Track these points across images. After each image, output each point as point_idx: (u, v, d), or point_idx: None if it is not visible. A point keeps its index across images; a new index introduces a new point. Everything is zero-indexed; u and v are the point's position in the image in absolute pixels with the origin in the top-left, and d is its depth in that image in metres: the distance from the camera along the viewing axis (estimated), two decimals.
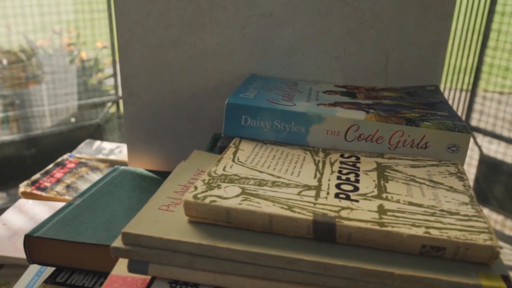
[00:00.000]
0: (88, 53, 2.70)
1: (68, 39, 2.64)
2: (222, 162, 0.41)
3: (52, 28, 2.51)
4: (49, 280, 0.47)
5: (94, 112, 2.66)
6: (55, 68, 2.50)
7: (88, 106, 2.58)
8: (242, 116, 0.46)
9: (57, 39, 2.64)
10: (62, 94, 2.54)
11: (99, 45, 2.75)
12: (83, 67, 2.63)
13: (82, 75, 2.63)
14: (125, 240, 0.33)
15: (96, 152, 1.16)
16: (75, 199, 0.55)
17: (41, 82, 2.59)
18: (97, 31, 2.54)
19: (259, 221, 0.33)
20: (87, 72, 2.66)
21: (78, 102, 2.54)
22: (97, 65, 2.85)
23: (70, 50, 2.72)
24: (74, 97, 2.54)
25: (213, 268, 0.32)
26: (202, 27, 0.58)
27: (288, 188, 0.36)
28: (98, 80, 2.81)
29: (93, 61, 2.78)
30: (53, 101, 2.49)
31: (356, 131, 0.45)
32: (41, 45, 2.59)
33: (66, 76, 2.56)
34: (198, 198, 0.34)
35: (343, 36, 0.56)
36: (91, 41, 2.58)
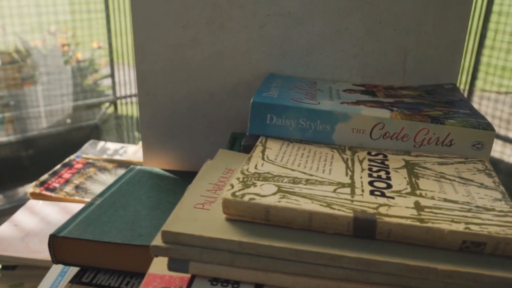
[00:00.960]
0: (84, 54, 2.69)
1: (63, 39, 2.63)
2: (253, 160, 0.41)
3: (46, 28, 2.49)
4: (75, 280, 0.47)
5: (91, 113, 2.65)
6: (50, 69, 2.48)
7: (84, 107, 2.57)
8: (268, 114, 0.46)
9: (51, 40, 2.63)
10: (58, 95, 2.52)
11: (95, 46, 2.74)
12: (78, 68, 2.62)
13: (77, 76, 2.61)
14: (165, 239, 0.33)
15: (100, 152, 1.16)
16: (95, 199, 0.55)
17: (36, 83, 2.58)
18: (93, 32, 2.53)
19: (299, 219, 0.33)
20: (82, 72, 2.64)
21: (75, 103, 2.53)
22: (92, 65, 2.83)
23: (65, 50, 2.70)
24: (70, 98, 2.53)
25: (254, 266, 0.32)
26: (220, 26, 0.58)
27: (322, 186, 0.37)
28: (94, 81, 2.79)
29: (88, 62, 2.76)
30: (49, 102, 2.47)
31: (382, 129, 0.45)
32: (35, 45, 2.57)
33: (61, 76, 2.54)
34: (236, 196, 0.34)
35: (361, 35, 0.56)
36: (87, 42, 2.57)
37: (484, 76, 2.12)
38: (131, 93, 2.61)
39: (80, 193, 0.85)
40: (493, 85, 2.11)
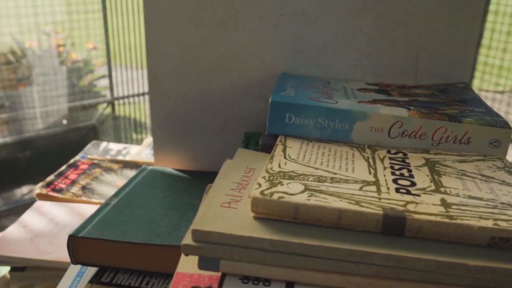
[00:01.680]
0: (79, 54, 2.68)
1: (58, 40, 2.62)
2: (275, 159, 0.41)
3: (41, 29, 2.48)
4: (94, 280, 0.47)
5: (87, 113, 2.64)
6: (45, 70, 2.47)
7: (81, 108, 2.56)
8: (286, 114, 0.47)
9: (46, 40, 2.61)
10: (54, 96, 2.51)
11: (90, 46, 2.73)
12: (73, 69, 2.61)
13: (73, 77, 2.60)
14: (195, 237, 0.33)
15: (103, 153, 1.15)
16: (111, 200, 0.55)
17: (31, 84, 2.57)
18: (90, 32, 2.52)
19: (328, 217, 0.33)
20: (77, 73, 2.63)
21: (73, 103, 2.52)
22: (87, 66, 2.82)
23: (60, 51, 2.69)
24: (65, 98, 2.52)
25: (285, 264, 0.32)
26: (234, 26, 0.58)
27: (348, 184, 0.37)
28: (89, 82, 2.79)
29: (83, 62, 2.75)
30: (44, 103, 2.46)
31: (400, 128, 0.46)
32: (29, 46, 2.56)
33: (56, 77, 2.53)
34: (265, 194, 0.34)
35: (374, 35, 0.57)
36: (84, 42, 2.56)
37: (481, 75, 2.14)
38: (129, 93, 2.61)
39: (87, 194, 0.85)
40: (490, 84, 2.12)
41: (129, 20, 2.47)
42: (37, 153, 2.46)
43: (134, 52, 2.54)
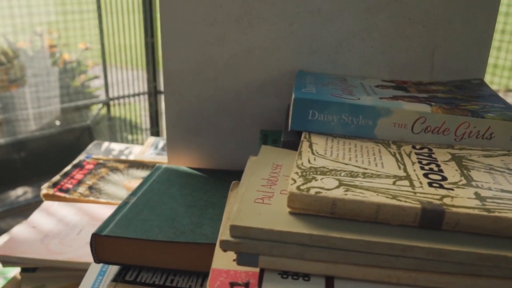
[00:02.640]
0: (72, 55, 2.66)
1: (50, 40, 2.60)
2: (304, 155, 0.41)
3: (33, 29, 2.46)
4: (118, 278, 0.47)
5: (80, 114, 2.62)
6: (37, 71, 2.45)
7: (74, 109, 2.54)
8: (310, 110, 0.47)
9: (38, 41, 2.59)
10: (47, 97, 2.49)
11: (82, 47, 2.71)
12: (65, 69, 2.59)
13: (65, 77, 2.59)
14: (233, 233, 0.33)
15: (105, 153, 1.15)
16: (129, 198, 0.54)
17: (24, 85, 2.55)
18: (79, 32, 2.50)
19: (366, 211, 0.33)
20: (70, 74, 2.61)
21: (68, 104, 2.50)
22: (79, 67, 2.80)
23: (53, 51, 2.67)
24: (58, 99, 2.50)
25: (325, 258, 0.32)
26: (249, 24, 0.58)
27: (380, 179, 0.37)
28: (81, 82, 2.77)
29: (76, 63, 2.74)
30: (37, 104, 2.44)
31: (423, 123, 0.46)
32: (21, 47, 2.54)
33: (49, 78, 2.51)
34: (302, 189, 0.34)
35: (390, 32, 0.57)
36: (75, 42, 2.54)
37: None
38: (124, 94, 2.59)
39: (94, 194, 0.84)
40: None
41: (124, 20, 2.45)
42: (32, 154, 2.44)
43: (126, 52, 2.53)
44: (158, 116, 2.66)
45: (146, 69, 2.55)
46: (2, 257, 0.68)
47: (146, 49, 2.50)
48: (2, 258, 0.68)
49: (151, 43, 2.48)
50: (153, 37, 2.48)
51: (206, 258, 0.45)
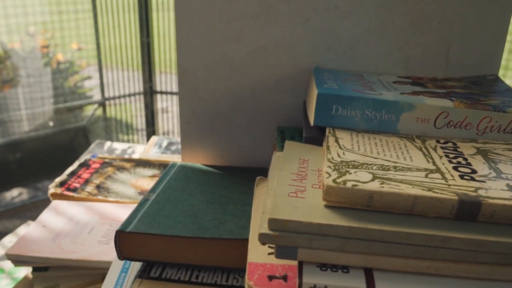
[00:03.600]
0: (65, 55, 2.64)
1: (43, 40, 2.58)
2: (332, 149, 0.41)
3: (25, 29, 2.44)
4: (143, 275, 0.47)
5: (73, 115, 2.60)
6: (30, 71, 2.43)
7: (67, 109, 2.52)
8: (333, 105, 0.47)
9: (29, 41, 2.57)
10: (40, 97, 2.48)
11: (74, 47, 2.69)
12: (58, 70, 2.57)
13: (59, 78, 2.57)
14: (272, 226, 0.33)
15: (108, 152, 1.15)
16: (149, 195, 0.54)
17: (17, 85, 2.53)
18: (75, 32, 2.49)
19: (402, 203, 0.34)
20: (63, 74, 2.60)
21: (64, 104, 2.48)
22: (72, 67, 2.79)
23: (45, 52, 2.66)
24: (55, 100, 2.48)
25: (364, 250, 0.33)
26: (265, 20, 0.58)
27: (412, 172, 0.37)
28: (74, 83, 2.75)
29: (69, 63, 2.72)
30: (30, 105, 2.43)
31: (446, 118, 0.46)
32: (12, 47, 2.52)
33: (42, 79, 2.50)
34: (338, 183, 0.34)
35: (406, 28, 0.57)
36: (71, 42, 2.52)
37: None
38: (120, 94, 2.58)
39: (102, 193, 0.84)
40: None
41: (119, 20, 2.44)
42: (27, 155, 2.42)
43: (122, 52, 2.52)
44: (154, 116, 2.66)
45: (141, 69, 2.54)
46: (14, 257, 0.67)
47: (142, 49, 2.49)
48: (14, 258, 0.67)
49: (146, 43, 2.48)
50: (148, 37, 2.47)
51: (231, 254, 0.45)
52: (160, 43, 2.56)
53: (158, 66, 2.58)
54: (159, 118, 2.74)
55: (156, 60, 2.56)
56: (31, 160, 2.38)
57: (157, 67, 2.58)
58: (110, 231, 0.72)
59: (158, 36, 2.54)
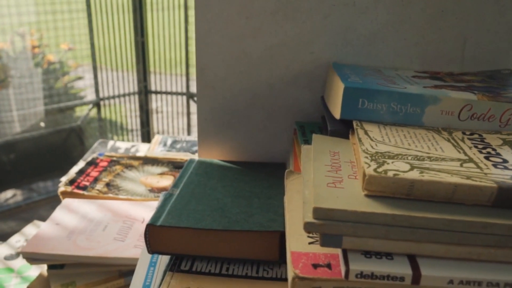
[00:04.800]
0: (56, 56, 2.62)
1: (33, 41, 2.56)
2: (364, 141, 0.42)
3: (15, 30, 2.42)
4: (174, 268, 0.47)
5: (64, 116, 2.58)
6: (20, 72, 2.41)
7: (58, 110, 2.50)
8: (360, 99, 0.48)
9: (19, 42, 2.55)
10: (31, 98, 2.46)
11: (64, 47, 2.68)
12: (49, 70, 2.55)
13: (50, 79, 2.55)
14: (317, 215, 0.34)
15: (112, 151, 1.14)
16: (172, 190, 0.55)
17: (7, 86, 2.50)
18: (69, 32, 2.47)
19: (442, 192, 0.35)
20: (54, 75, 2.58)
21: (58, 105, 2.46)
22: (62, 68, 2.77)
23: (36, 52, 2.64)
24: (46, 100, 2.46)
25: (407, 237, 0.33)
26: (284, 16, 0.59)
27: (447, 162, 0.38)
28: (65, 83, 2.73)
29: (59, 64, 2.70)
30: (21, 106, 2.41)
31: (469, 111, 0.47)
32: (1, 48, 2.50)
33: (32, 80, 2.48)
34: (379, 172, 0.35)
35: (423, 24, 0.58)
36: (64, 42, 2.51)
37: None
38: (114, 94, 2.57)
39: (113, 191, 0.84)
40: None
41: (114, 20, 2.43)
42: (21, 156, 2.40)
43: (116, 52, 2.51)
44: (149, 117, 2.65)
45: (136, 69, 2.53)
46: (29, 255, 0.67)
47: (136, 49, 2.48)
48: (29, 256, 0.67)
49: (141, 42, 2.47)
50: (143, 36, 2.47)
51: (261, 246, 0.46)
52: (154, 43, 2.56)
53: (153, 66, 2.58)
54: (154, 118, 2.74)
55: (151, 59, 2.55)
56: (25, 161, 2.36)
57: (151, 66, 2.57)
58: (124, 228, 0.72)
59: (152, 36, 2.53)
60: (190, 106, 2.66)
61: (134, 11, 2.42)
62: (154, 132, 2.72)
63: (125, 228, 0.72)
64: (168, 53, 2.59)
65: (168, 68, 2.64)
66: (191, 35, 2.57)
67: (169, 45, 2.58)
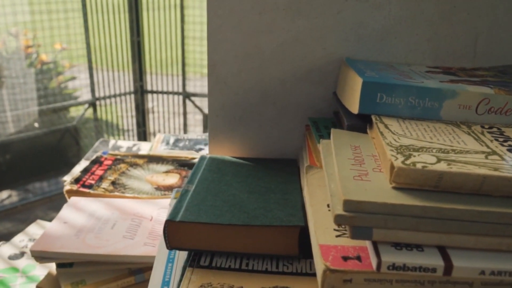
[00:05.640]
0: (50, 55, 2.61)
1: (26, 41, 2.54)
2: (386, 135, 0.42)
3: (12, 29, 2.40)
4: (193, 264, 0.47)
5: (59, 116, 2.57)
6: (13, 72, 2.39)
7: (52, 110, 2.49)
8: (378, 93, 0.48)
9: (12, 42, 2.53)
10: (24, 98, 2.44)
11: (58, 47, 2.66)
12: (42, 71, 2.54)
13: (44, 79, 2.54)
14: (347, 208, 0.34)
15: (113, 150, 1.14)
16: (188, 186, 0.54)
17: (1, 87, 2.49)
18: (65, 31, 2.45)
19: (470, 183, 0.35)
20: (47, 75, 2.56)
21: (54, 105, 2.45)
22: (56, 68, 2.75)
23: (29, 52, 2.62)
24: (41, 100, 2.44)
25: (438, 229, 0.34)
26: (297, 12, 0.59)
27: (471, 154, 0.38)
28: (59, 84, 2.72)
29: (53, 64, 2.69)
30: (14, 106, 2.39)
31: (487, 105, 0.48)
32: None
33: (25, 80, 2.46)
34: (408, 164, 0.35)
35: (435, 19, 0.59)
36: (60, 41, 2.49)
37: None
38: (110, 94, 2.55)
39: (119, 189, 0.83)
40: None
41: (109, 19, 2.42)
42: (16, 157, 2.38)
43: (112, 51, 2.50)
44: (145, 116, 2.64)
45: (132, 68, 2.52)
46: (38, 253, 0.67)
47: (132, 48, 2.47)
48: (38, 254, 0.67)
49: (137, 42, 2.46)
50: (139, 36, 2.46)
51: (281, 241, 0.46)
52: (150, 43, 2.55)
53: (149, 66, 2.57)
54: (150, 118, 2.73)
55: (147, 59, 2.54)
56: (20, 162, 2.34)
57: (148, 66, 2.56)
58: (132, 226, 0.72)
59: (148, 36, 2.52)
60: (186, 106, 2.66)
61: (130, 10, 2.41)
62: (150, 132, 2.71)
63: (134, 226, 0.72)
64: (164, 52, 2.58)
65: (164, 68, 2.63)
66: (187, 34, 2.56)
67: (165, 44, 2.57)
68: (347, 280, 0.33)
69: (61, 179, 1.56)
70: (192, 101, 2.67)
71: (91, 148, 1.17)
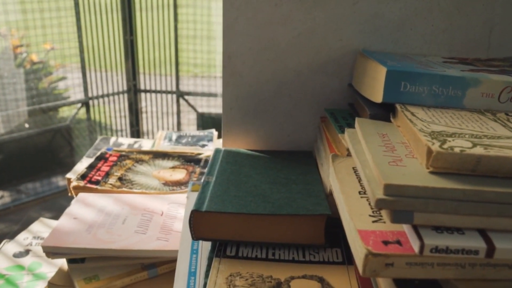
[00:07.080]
0: (38, 55, 2.58)
1: (15, 40, 2.51)
2: (415, 122, 0.42)
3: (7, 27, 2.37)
4: (220, 254, 0.46)
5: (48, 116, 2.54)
6: (2, 72, 2.36)
7: (43, 110, 2.46)
8: (402, 82, 0.48)
9: (1, 41, 2.50)
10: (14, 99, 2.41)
11: (47, 47, 2.63)
12: (32, 71, 2.51)
13: (34, 79, 2.51)
14: (387, 192, 0.34)
15: (115, 147, 1.13)
16: (208, 178, 0.54)
17: None
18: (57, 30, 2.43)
19: (507, 167, 0.35)
20: (37, 75, 2.53)
21: (46, 104, 2.42)
22: (45, 68, 2.72)
23: (18, 52, 2.59)
24: (33, 100, 2.41)
25: (478, 212, 0.34)
26: (314, 3, 0.59)
27: (504, 139, 0.39)
28: (48, 84, 2.69)
29: (42, 64, 2.66)
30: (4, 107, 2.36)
31: (509, 93, 0.48)
32: None
33: (15, 80, 2.43)
34: (445, 148, 0.35)
35: (451, 10, 0.59)
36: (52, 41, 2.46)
37: None
38: (103, 93, 2.53)
39: (126, 185, 0.83)
40: None
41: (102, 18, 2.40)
42: (7, 157, 2.35)
43: (105, 51, 2.48)
44: (139, 116, 2.62)
45: (125, 67, 2.50)
46: (50, 249, 0.66)
47: (125, 47, 2.46)
48: (50, 250, 0.66)
49: (130, 41, 2.45)
50: (132, 35, 2.44)
51: (307, 230, 0.46)
52: (143, 42, 2.53)
53: (142, 66, 2.56)
54: (144, 117, 2.71)
55: (140, 58, 2.53)
56: (12, 163, 2.31)
57: (141, 65, 2.55)
58: (144, 221, 0.71)
59: (141, 35, 2.51)
60: (180, 105, 2.65)
61: (123, 9, 2.39)
62: (144, 132, 2.70)
63: (145, 221, 0.71)
64: (157, 52, 2.57)
65: (157, 67, 2.62)
66: (180, 33, 2.55)
67: (158, 43, 2.56)
68: (389, 264, 0.33)
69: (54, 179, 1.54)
70: (186, 100, 2.66)
71: (85, 147, 1.15)
